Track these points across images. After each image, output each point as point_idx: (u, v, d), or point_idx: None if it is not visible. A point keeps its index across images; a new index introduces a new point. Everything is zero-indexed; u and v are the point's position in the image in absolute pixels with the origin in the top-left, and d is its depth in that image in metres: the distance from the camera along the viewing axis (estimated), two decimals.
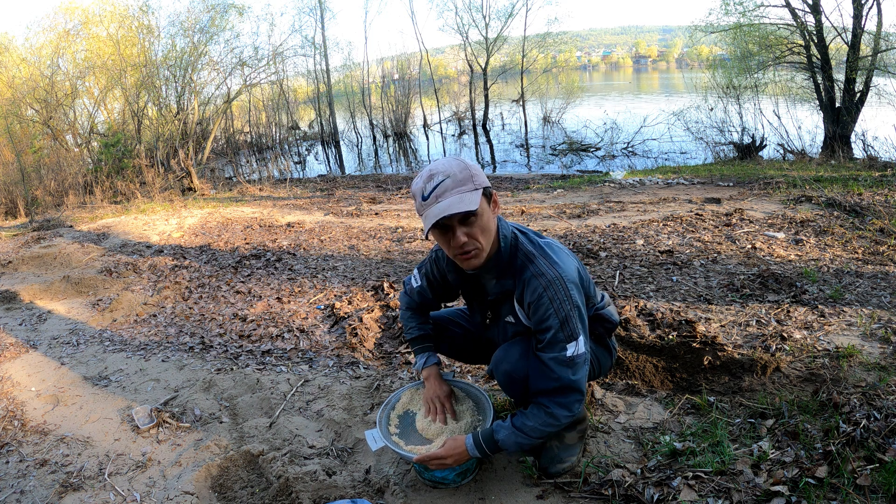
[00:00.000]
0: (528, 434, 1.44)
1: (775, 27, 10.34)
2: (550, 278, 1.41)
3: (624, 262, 3.50)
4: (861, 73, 9.30)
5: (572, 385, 1.41)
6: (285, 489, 1.64)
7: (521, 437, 1.44)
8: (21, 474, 1.84)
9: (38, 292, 3.86)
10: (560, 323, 1.39)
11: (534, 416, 1.44)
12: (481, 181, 1.39)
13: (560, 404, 1.42)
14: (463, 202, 1.33)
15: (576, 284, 1.44)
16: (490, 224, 1.42)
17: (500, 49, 17.91)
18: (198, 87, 13.22)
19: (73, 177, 9.63)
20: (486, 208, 1.40)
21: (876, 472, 1.41)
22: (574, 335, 1.40)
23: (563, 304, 1.39)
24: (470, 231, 1.39)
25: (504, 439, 1.44)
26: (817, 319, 2.48)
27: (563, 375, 1.40)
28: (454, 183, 1.36)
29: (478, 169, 1.41)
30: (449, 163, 1.40)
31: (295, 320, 3.16)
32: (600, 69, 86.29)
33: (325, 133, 17.52)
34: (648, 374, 2.22)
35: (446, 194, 1.35)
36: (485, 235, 1.41)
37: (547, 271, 1.42)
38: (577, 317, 1.41)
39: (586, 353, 1.43)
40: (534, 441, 1.46)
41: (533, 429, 1.43)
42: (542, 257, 1.45)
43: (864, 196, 4.63)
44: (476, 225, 1.39)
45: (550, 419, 1.43)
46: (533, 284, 1.42)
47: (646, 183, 6.62)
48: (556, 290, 1.40)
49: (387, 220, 5.52)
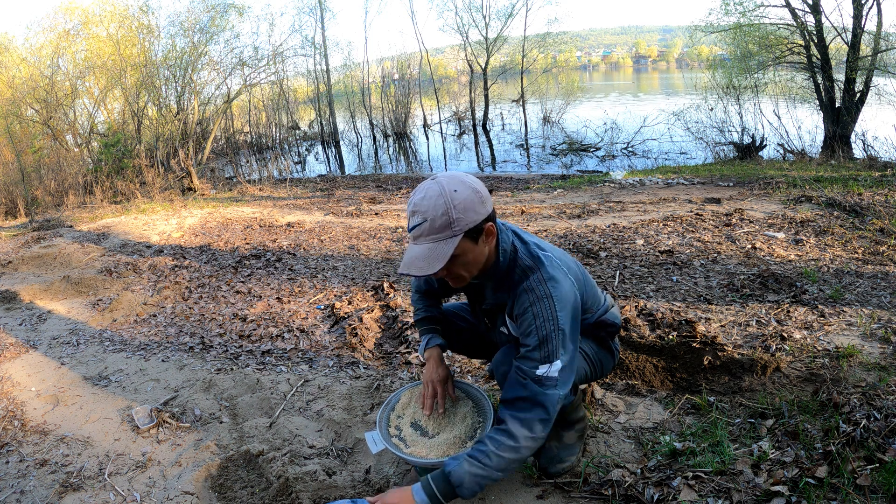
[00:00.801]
0: (483, 463, 1.29)
1: (775, 27, 10.35)
2: (539, 295, 1.35)
3: (624, 262, 3.50)
4: (861, 73, 9.30)
5: (537, 399, 1.32)
6: (285, 489, 1.64)
7: (477, 468, 1.29)
8: (21, 474, 1.84)
9: (38, 292, 3.86)
10: (538, 342, 1.33)
11: (491, 438, 1.32)
12: (465, 223, 1.30)
13: (521, 421, 1.31)
14: (429, 260, 1.29)
15: (568, 303, 1.37)
16: (476, 259, 1.38)
17: (500, 49, 17.92)
18: (198, 87, 13.23)
19: (73, 177, 9.63)
20: (468, 248, 1.34)
21: (876, 472, 1.41)
22: (549, 358, 1.33)
23: (545, 323, 1.33)
24: (450, 268, 1.35)
25: (457, 472, 1.28)
26: (817, 319, 2.48)
27: (531, 387, 1.33)
28: (430, 229, 1.29)
29: (466, 205, 1.30)
30: (432, 201, 1.29)
31: (295, 320, 3.15)
32: (600, 69, 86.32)
33: (325, 133, 17.53)
34: (648, 374, 2.22)
35: (420, 240, 1.31)
36: (468, 269, 1.38)
37: (538, 287, 1.36)
38: (558, 340, 1.33)
39: (558, 379, 1.33)
40: (492, 471, 1.30)
41: (488, 454, 1.30)
42: (538, 272, 1.38)
43: (864, 196, 4.63)
44: (456, 264, 1.35)
45: (509, 441, 1.30)
46: (522, 298, 1.38)
47: (646, 183, 6.62)
48: (542, 307, 1.34)
49: (387, 220, 5.52)
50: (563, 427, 1.66)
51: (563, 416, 1.63)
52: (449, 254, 1.29)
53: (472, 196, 1.32)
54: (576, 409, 1.66)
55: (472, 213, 1.31)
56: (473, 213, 1.31)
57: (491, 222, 1.37)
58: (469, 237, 1.32)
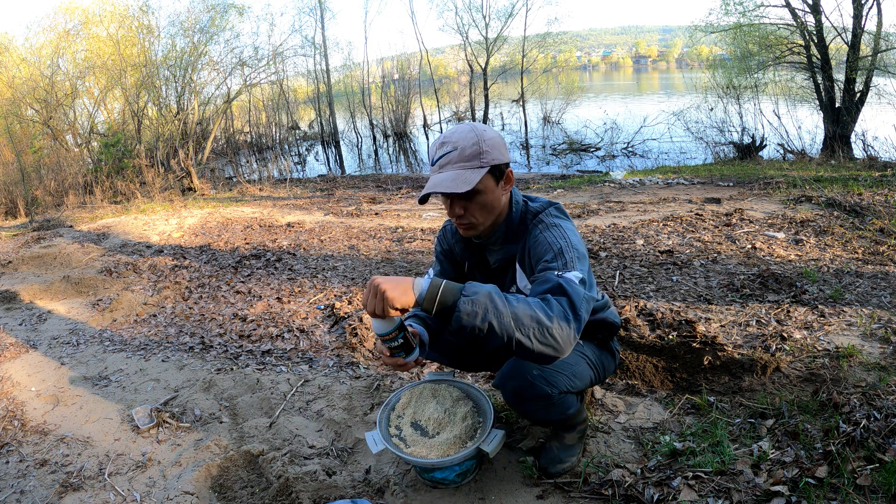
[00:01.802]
0: (510, 301, 1.13)
1: (775, 27, 10.35)
2: (549, 224, 1.38)
3: (624, 262, 3.50)
4: (861, 73, 9.30)
5: (563, 286, 1.19)
6: (285, 489, 1.64)
7: (499, 300, 1.12)
8: (21, 474, 1.84)
9: (38, 292, 3.86)
10: (554, 255, 1.29)
11: (522, 298, 1.17)
12: (492, 157, 1.34)
13: (555, 299, 1.17)
14: (457, 182, 1.30)
15: (577, 235, 1.38)
16: (494, 202, 1.38)
17: (500, 49, 17.90)
18: (198, 87, 13.23)
19: (73, 177, 9.63)
20: (490, 187, 1.36)
21: (876, 472, 1.41)
22: (568, 267, 1.26)
23: (558, 239, 1.33)
24: (467, 206, 1.36)
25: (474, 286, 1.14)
26: (817, 319, 2.48)
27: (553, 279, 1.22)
28: (459, 157, 1.33)
29: (495, 143, 1.35)
30: (463, 133, 1.34)
31: (295, 320, 3.15)
32: (600, 69, 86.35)
33: (325, 133, 17.52)
34: (648, 374, 2.22)
35: (447, 167, 1.33)
36: (484, 213, 1.38)
37: (547, 219, 1.40)
38: (573, 254, 1.29)
39: (583, 278, 1.26)
40: (507, 313, 1.11)
41: (518, 300, 1.14)
42: (546, 212, 1.43)
43: (864, 196, 4.63)
44: (475, 202, 1.36)
45: (544, 306, 1.14)
46: (533, 232, 1.40)
47: (646, 183, 6.62)
48: (553, 232, 1.36)
49: (387, 220, 5.52)
50: (564, 428, 1.66)
51: (566, 417, 1.62)
52: (475, 181, 1.30)
53: (499, 138, 1.37)
54: (579, 412, 1.65)
55: (499, 153, 1.35)
56: (499, 152, 1.35)
57: (510, 169, 1.40)
58: (493, 175, 1.35)
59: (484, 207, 1.37)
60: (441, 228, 1.69)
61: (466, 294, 1.13)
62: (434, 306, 1.14)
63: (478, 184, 1.32)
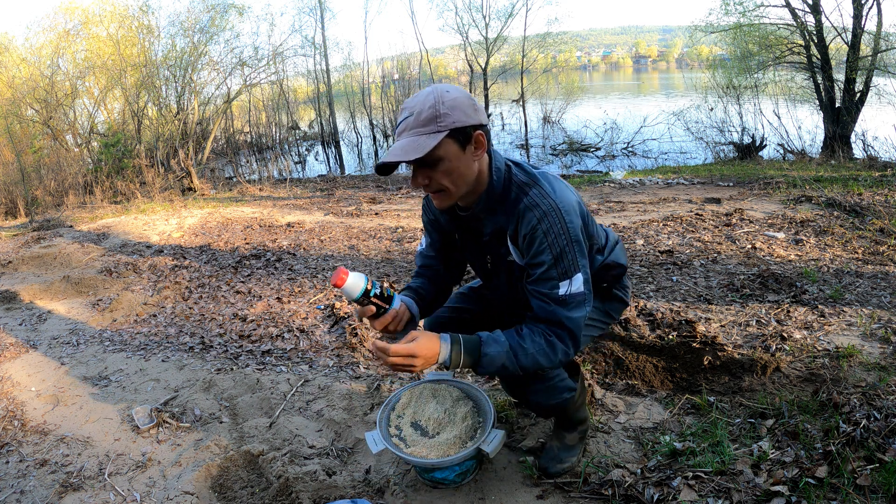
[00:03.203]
0: (519, 358, 1.27)
1: (775, 27, 10.35)
2: (545, 209, 1.26)
3: None
4: (861, 73, 9.31)
5: (565, 323, 1.27)
6: (285, 489, 1.64)
7: (511, 360, 1.28)
8: (21, 474, 1.84)
9: (38, 292, 3.86)
10: (553, 259, 1.25)
11: (532, 340, 1.27)
12: (452, 120, 1.21)
13: (558, 336, 1.28)
14: (407, 149, 1.20)
15: (575, 213, 1.30)
16: (462, 170, 1.26)
17: (500, 49, 17.90)
18: (198, 87, 13.23)
19: (73, 177, 9.63)
20: (454, 152, 1.23)
21: (876, 472, 1.41)
22: (569, 273, 1.26)
23: (558, 237, 1.25)
24: (431, 174, 1.25)
25: (493, 355, 1.27)
26: (817, 319, 2.48)
27: (557, 311, 1.27)
28: (415, 122, 1.22)
29: (457, 103, 1.22)
30: (422, 97, 1.24)
31: (295, 320, 3.15)
32: (600, 69, 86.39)
33: (325, 133, 17.51)
34: (648, 374, 2.22)
35: (404, 134, 1.23)
36: (451, 181, 1.26)
37: (541, 202, 1.27)
38: (574, 252, 1.27)
39: (584, 293, 1.28)
40: (518, 368, 1.29)
41: (527, 354, 1.27)
42: (536, 187, 1.30)
43: (864, 196, 4.63)
44: (439, 170, 1.24)
45: (548, 349, 1.28)
46: (527, 217, 1.27)
47: (646, 183, 6.62)
48: (551, 222, 1.25)
49: (387, 220, 5.52)
50: (565, 428, 1.65)
51: (566, 415, 1.62)
52: (429, 147, 1.19)
53: (464, 99, 1.25)
54: (579, 408, 1.65)
55: (460, 114, 1.22)
56: (462, 113, 1.23)
57: (481, 132, 1.26)
58: (455, 139, 1.23)
59: (449, 175, 1.26)
60: (424, 197, 1.59)
61: (483, 367, 1.30)
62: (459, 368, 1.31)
63: (435, 150, 1.20)
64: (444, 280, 1.65)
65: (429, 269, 1.63)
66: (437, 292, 1.62)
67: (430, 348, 1.27)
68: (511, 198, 1.32)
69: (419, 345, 1.26)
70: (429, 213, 1.58)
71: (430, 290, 1.59)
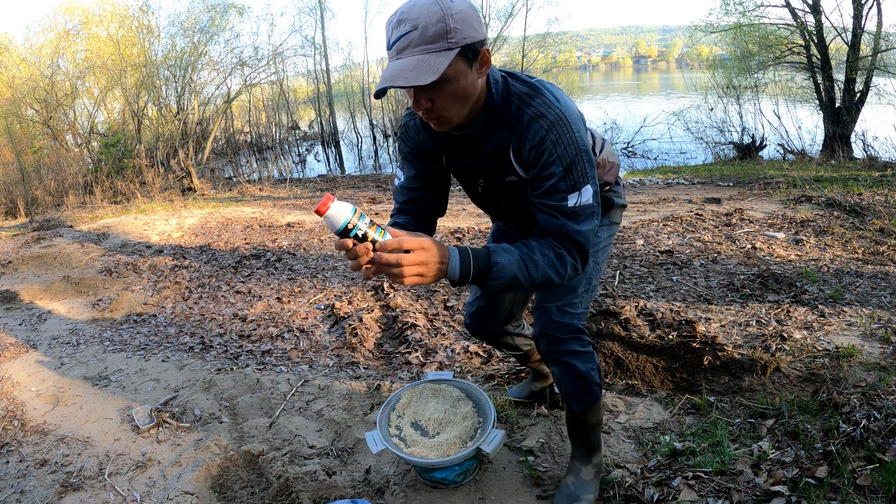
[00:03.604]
0: (530, 270, 1.18)
1: (775, 27, 10.36)
2: (553, 119, 1.17)
3: (624, 261, 3.50)
4: (861, 73, 9.31)
5: (574, 236, 1.19)
6: (285, 489, 1.64)
7: (522, 270, 1.17)
8: (21, 474, 1.84)
9: (38, 292, 3.86)
10: (564, 170, 1.17)
11: (541, 252, 1.19)
12: (463, 36, 1.07)
13: (567, 249, 1.20)
14: (420, 71, 1.04)
15: (581, 122, 1.22)
16: (468, 89, 1.14)
17: (500, 49, 17.88)
18: (198, 87, 13.22)
19: (73, 177, 9.63)
20: (462, 72, 1.11)
21: (876, 472, 1.41)
22: (578, 184, 1.18)
23: (567, 148, 1.16)
24: (435, 97, 1.12)
25: (504, 263, 1.16)
26: (817, 319, 2.48)
27: (567, 224, 1.19)
28: (421, 38, 1.05)
29: (465, 17, 1.08)
30: (425, 7, 1.06)
31: (295, 320, 3.15)
32: (600, 69, 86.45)
33: (325, 133, 17.51)
34: (648, 374, 2.22)
35: (407, 52, 1.07)
36: (456, 103, 1.14)
37: (548, 112, 1.17)
38: (583, 162, 1.18)
39: (593, 205, 1.21)
40: (530, 281, 1.20)
41: (537, 266, 1.18)
42: (539, 97, 1.20)
43: (864, 196, 4.63)
44: (445, 91, 1.11)
45: (558, 262, 1.19)
46: (534, 129, 1.18)
47: (646, 183, 6.62)
48: (560, 132, 1.16)
49: (386, 219, 5.51)
50: (581, 457, 1.55)
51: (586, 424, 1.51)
52: (442, 68, 1.05)
53: (470, 10, 1.10)
54: (598, 422, 1.54)
55: (471, 29, 1.09)
56: (472, 28, 1.09)
57: (486, 48, 1.15)
58: (464, 57, 1.10)
59: (455, 97, 1.13)
60: (401, 126, 1.44)
61: (494, 277, 1.16)
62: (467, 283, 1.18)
63: (446, 70, 1.07)
64: (431, 211, 1.49)
65: (412, 203, 1.45)
66: (425, 227, 1.47)
67: (439, 250, 1.12)
68: (512, 111, 1.22)
69: (428, 241, 1.10)
70: (410, 141, 1.41)
71: (418, 225, 1.44)
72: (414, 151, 1.41)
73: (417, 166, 1.43)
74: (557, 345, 1.45)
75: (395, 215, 1.45)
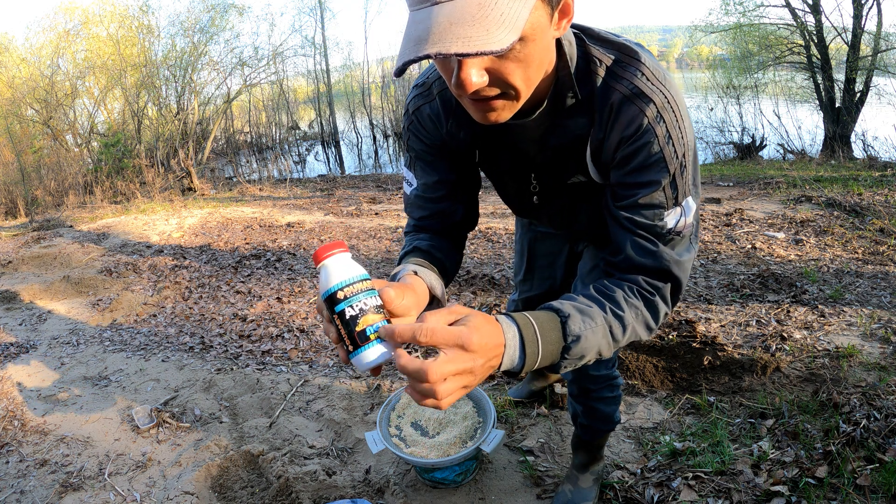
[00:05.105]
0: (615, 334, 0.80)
1: (775, 27, 10.36)
2: (659, 102, 0.79)
3: None
4: (861, 73, 9.31)
5: (672, 270, 0.84)
6: (285, 489, 1.64)
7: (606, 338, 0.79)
8: (21, 474, 1.84)
9: (38, 292, 3.86)
10: (670, 176, 0.81)
11: (628, 303, 0.82)
12: None
13: (659, 292, 0.84)
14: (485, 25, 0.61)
15: (686, 108, 0.84)
16: (544, 53, 0.73)
17: None
18: (198, 87, 13.22)
19: (73, 177, 9.63)
20: (542, 27, 0.68)
21: (876, 472, 1.41)
22: (680, 197, 0.83)
23: (678, 144, 0.80)
24: (496, 69, 0.69)
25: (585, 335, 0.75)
26: (817, 319, 2.48)
27: (662, 254, 0.83)
28: None
29: None
30: None
31: (295, 320, 3.15)
32: None
33: (325, 133, 17.51)
34: (648, 374, 2.22)
35: None
36: (526, 76, 0.71)
37: (650, 89, 0.80)
38: (693, 166, 0.84)
39: (693, 226, 0.86)
40: (615, 349, 0.82)
41: (624, 325, 0.80)
42: (634, 65, 0.82)
43: (864, 196, 4.63)
44: (510, 58, 0.68)
45: (650, 314, 0.84)
46: (628, 114, 0.80)
47: None
48: (669, 120, 0.80)
49: (387, 220, 5.52)
50: (582, 466, 1.52)
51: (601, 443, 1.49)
52: (523, 19, 0.63)
53: None
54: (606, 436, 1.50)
55: None
56: None
57: None
58: (548, 3, 0.68)
59: (526, 65, 0.70)
60: (410, 114, 1.04)
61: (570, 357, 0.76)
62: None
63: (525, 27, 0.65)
64: (459, 226, 1.07)
65: (433, 218, 1.05)
66: (453, 248, 1.05)
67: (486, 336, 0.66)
68: (598, 86, 0.82)
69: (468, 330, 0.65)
70: (425, 135, 1.01)
71: (444, 247, 1.01)
72: (433, 149, 1.02)
73: (440, 168, 1.02)
74: (590, 392, 1.37)
75: (413, 235, 1.06)
